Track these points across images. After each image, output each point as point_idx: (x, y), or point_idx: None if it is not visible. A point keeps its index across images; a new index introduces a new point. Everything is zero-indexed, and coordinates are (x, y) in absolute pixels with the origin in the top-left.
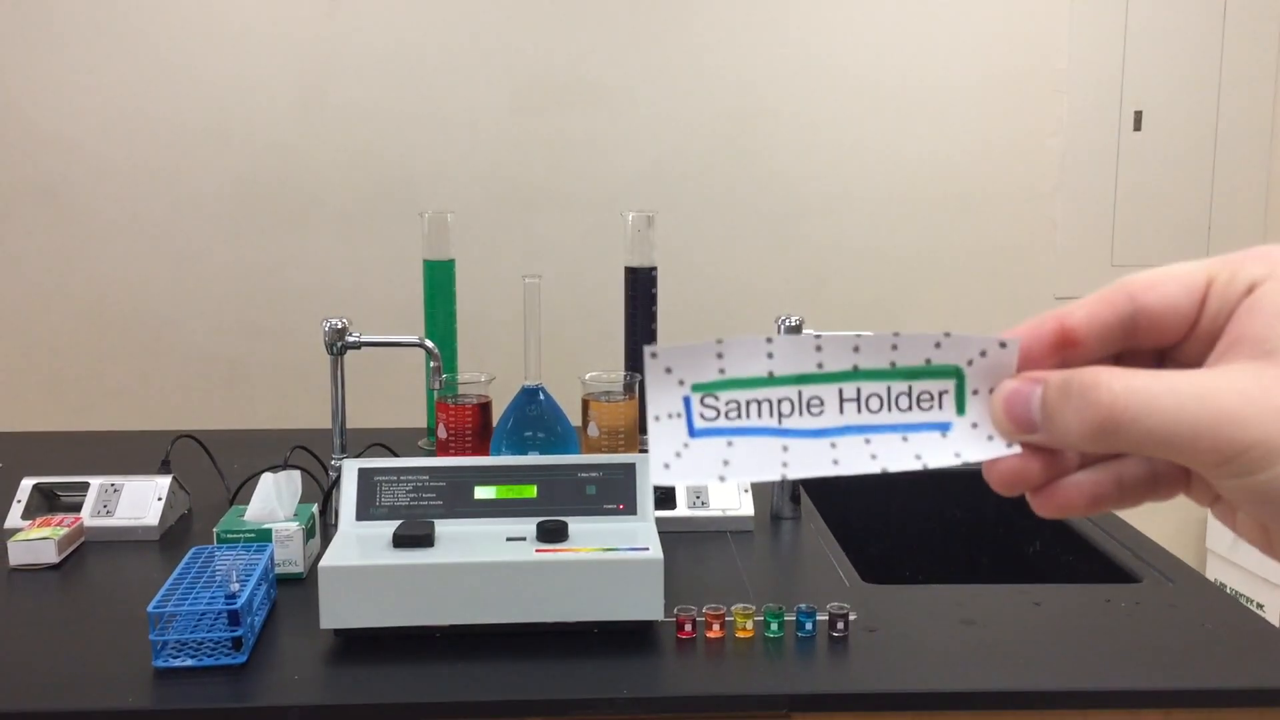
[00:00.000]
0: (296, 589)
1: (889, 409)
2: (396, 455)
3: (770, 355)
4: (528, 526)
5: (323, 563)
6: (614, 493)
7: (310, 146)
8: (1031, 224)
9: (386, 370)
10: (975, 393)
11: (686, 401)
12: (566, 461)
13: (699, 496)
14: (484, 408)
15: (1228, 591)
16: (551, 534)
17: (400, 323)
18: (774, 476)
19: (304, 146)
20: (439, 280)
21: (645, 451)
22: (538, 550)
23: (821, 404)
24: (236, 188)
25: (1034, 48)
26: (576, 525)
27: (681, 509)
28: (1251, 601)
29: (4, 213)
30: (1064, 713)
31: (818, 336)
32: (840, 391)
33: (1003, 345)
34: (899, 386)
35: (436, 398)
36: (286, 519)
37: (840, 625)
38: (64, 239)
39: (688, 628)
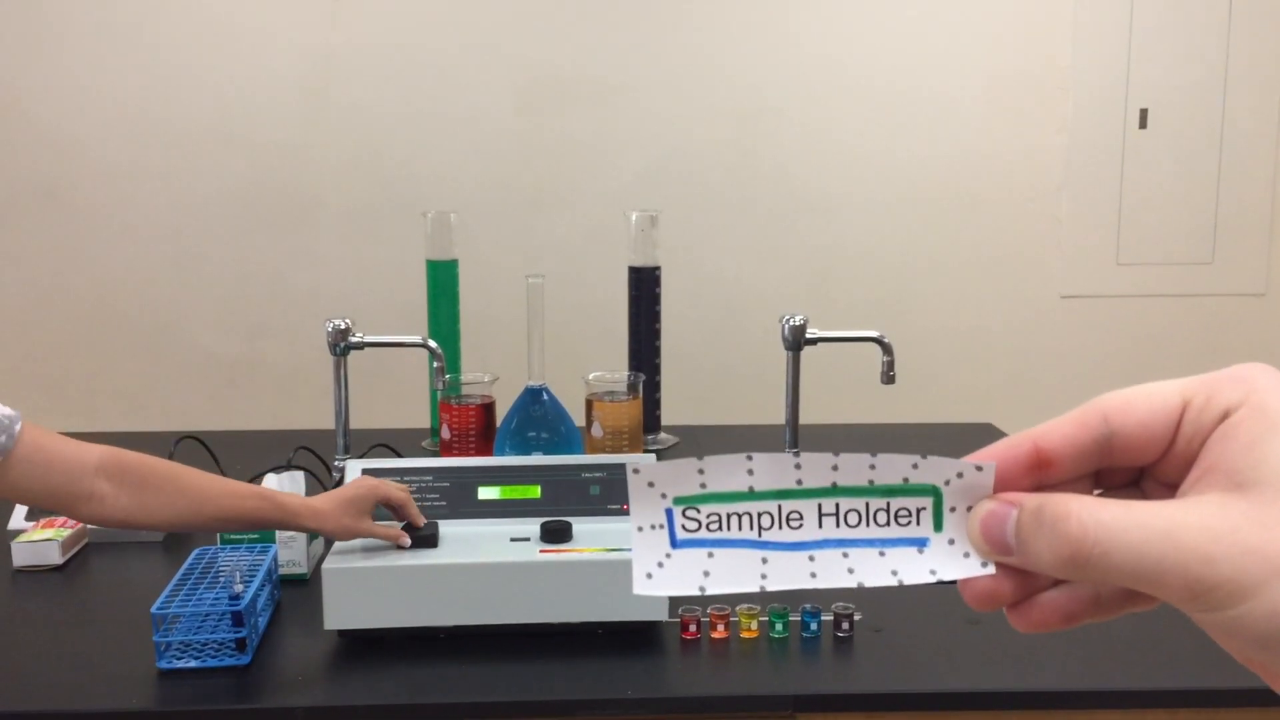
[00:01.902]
0: (300, 590)
1: (867, 524)
2: (400, 456)
3: (751, 472)
4: (532, 527)
5: (326, 564)
6: (618, 493)
7: (313, 147)
8: (1037, 222)
9: (390, 371)
10: (953, 510)
11: (669, 514)
12: (570, 462)
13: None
14: (487, 408)
15: None
16: (555, 534)
17: (403, 323)
18: (753, 588)
19: (307, 147)
20: (442, 280)
21: (650, 451)
22: (542, 551)
23: (801, 518)
24: (239, 188)
25: (1039, 46)
26: (580, 525)
27: None
28: None
29: (6, 213)
30: (1069, 713)
31: (797, 454)
32: (819, 506)
33: (979, 468)
34: (877, 503)
35: (440, 398)
36: None
37: (845, 625)
38: (66, 239)
39: (692, 628)
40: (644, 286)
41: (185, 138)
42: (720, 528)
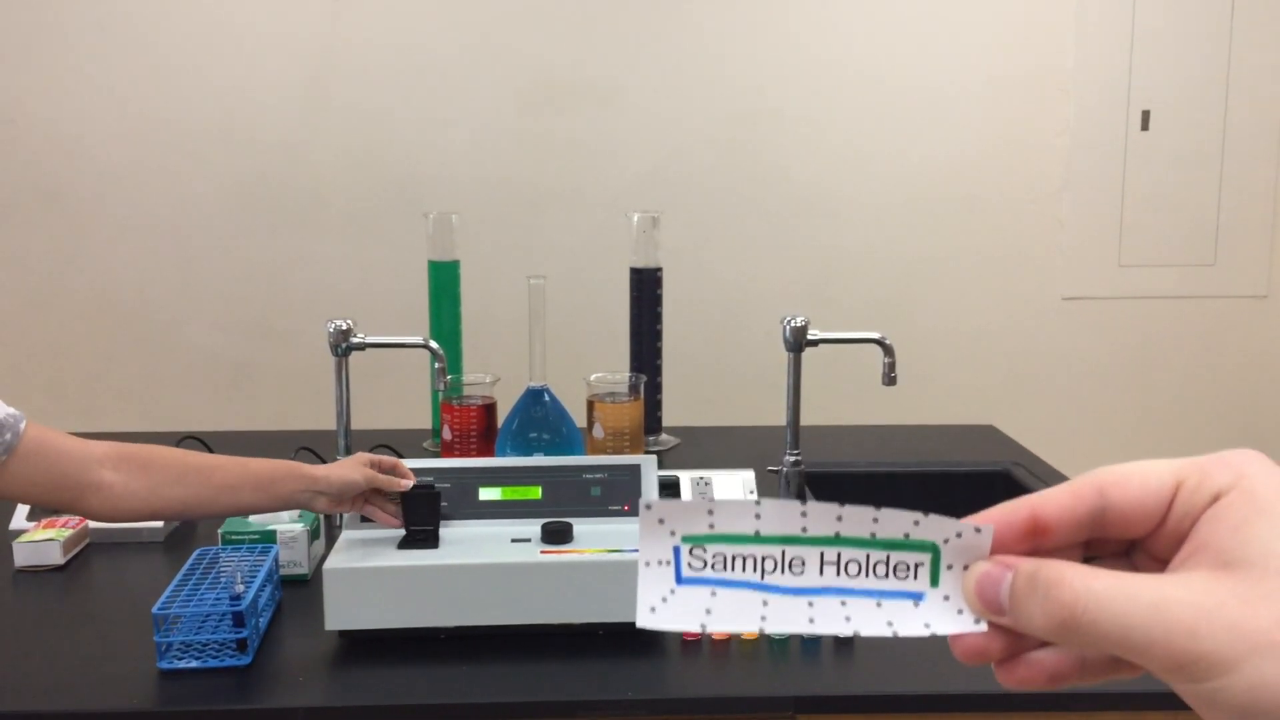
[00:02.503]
0: (301, 590)
1: (866, 575)
2: (401, 456)
3: (758, 516)
4: (532, 528)
5: (327, 564)
6: (619, 494)
7: (315, 147)
8: (1038, 224)
9: (391, 371)
10: (949, 568)
11: (676, 551)
12: (571, 463)
13: (704, 496)
14: (489, 409)
15: None
16: (556, 535)
17: (405, 324)
18: (752, 629)
19: (309, 147)
20: (444, 281)
21: (650, 453)
22: (542, 552)
23: (803, 565)
24: (241, 188)
25: (1041, 47)
26: (581, 526)
27: None
28: None
29: (8, 213)
30: (1071, 715)
31: (804, 503)
32: (822, 555)
33: (978, 530)
34: (877, 555)
35: (441, 399)
36: (291, 520)
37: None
38: (68, 240)
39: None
40: (645, 287)
41: (187, 138)
42: (724, 568)
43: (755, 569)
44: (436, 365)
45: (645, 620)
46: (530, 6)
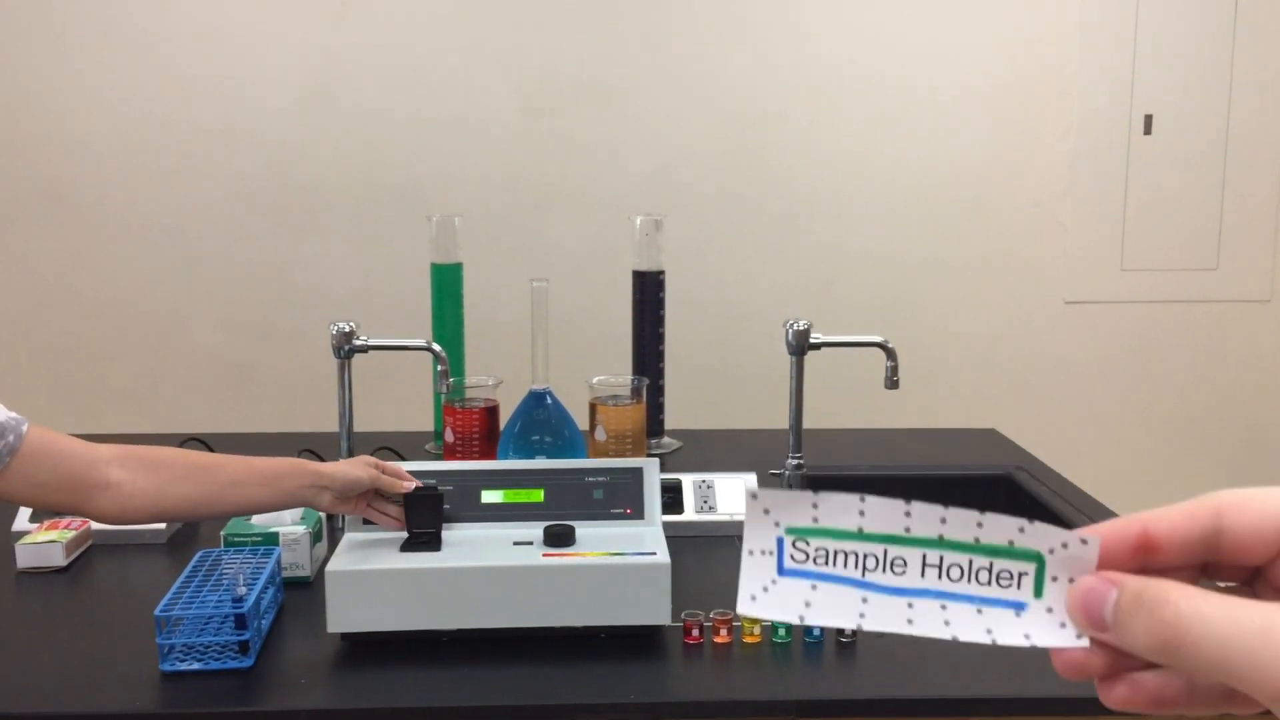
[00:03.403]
0: (303, 593)
1: (968, 581)
2: (403, 459)
3: (862, 513)
4: (535, 531)
5: (330, 567)
6: (621, 497)
7: (318, 149)
8: (1041, 228)
9: (393, 374)
10: (1054, 580)
11: (780, 542)
12: (574, 466)
13: (706, 501)
14: (491, 411)
15: None
16: (558, 538)
17: (408, 326)
18: (850, 624)
19: (312, 149)
20: (446, 284)
21: (652, 455)
22: (545, 555)
23: (905, 565)
24: (244, 190)
25: (1044, 51)
26: (584, 529)
27: (689, 513)
28: None
29: (11, 214)
30: (1073, 719)
31: (908, 503)
32: (924, 557)
33: (1085, 542)
34: (981, 561)
35: (444, 401)
36: (293, 523)
37: (848, 631)
38: (70, 241)
39: (695, 633)
40: (648, 290)
41: (191, 140)
42: (826, 563)
43: (857, 566)
44: (439, 368)
45: (746, 608)
46: (533, 9)
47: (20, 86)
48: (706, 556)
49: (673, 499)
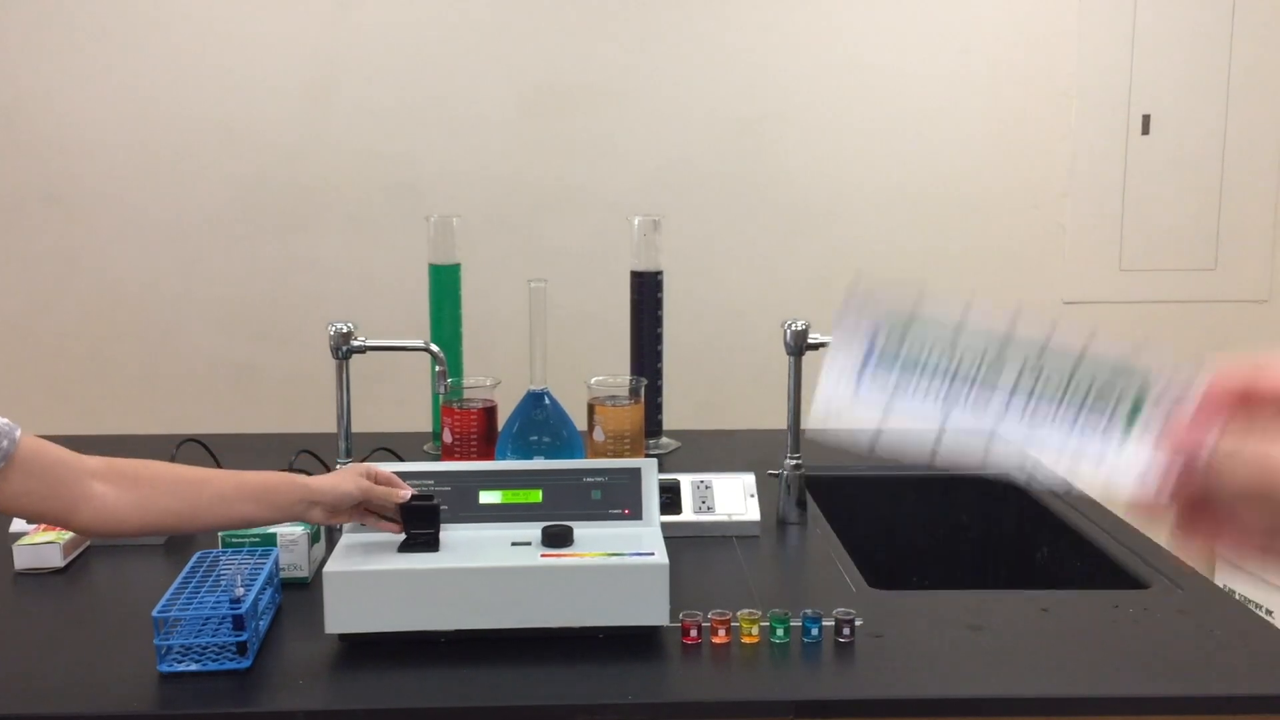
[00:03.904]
0: (301, 594)
1: (1056, 414)
2: (401, 459)
3: (959, 328)
4: (533, 531)
5: (328, 567)
6: (619, 497)
7: (316, 149)
8: (1039, 228)
9: (392, 374)
10: (1150, 412)
11: (869, 350)
12: (572, 466)
13: (704, 501)
14: (489, 412)
15: (1236, 598)
16: (557, 539)
17: (406, 327)
18: (922, 458)
19: (310, 149)
20: (445, 284)
21: (650, 456)
22: (543, 555)
23: (990, 395)
24: (242, 191)
25: (1042, 51)
26: (582, 530)
27: (687, 514)
28: (1260, 608)
29: (10, 215)
30: (1072, 719)
31: (1013, 314)
32: (1013, 386)
33: (1189, 377)
34: (1074, 394)
35: (441, 402)
36: (291, 524)
37: (846, 631)
38: (69, 241)
39: (693, 633)
40: (646, 291)
41: (188, 141)
42: (912, 375)
43: (939, 395)
44: (437, 368)
45: (820, 423)
46: (532, 9)
47: (18, 86)
48: (705, 557)
49: (671, 499)
